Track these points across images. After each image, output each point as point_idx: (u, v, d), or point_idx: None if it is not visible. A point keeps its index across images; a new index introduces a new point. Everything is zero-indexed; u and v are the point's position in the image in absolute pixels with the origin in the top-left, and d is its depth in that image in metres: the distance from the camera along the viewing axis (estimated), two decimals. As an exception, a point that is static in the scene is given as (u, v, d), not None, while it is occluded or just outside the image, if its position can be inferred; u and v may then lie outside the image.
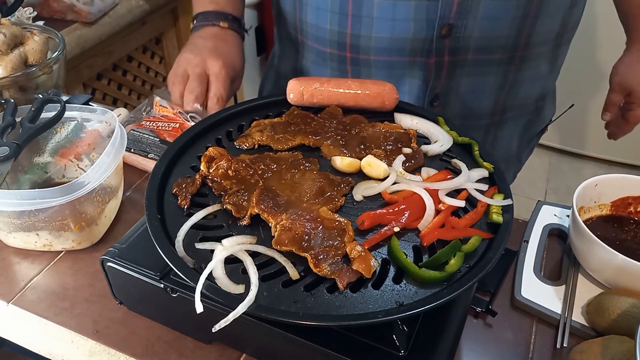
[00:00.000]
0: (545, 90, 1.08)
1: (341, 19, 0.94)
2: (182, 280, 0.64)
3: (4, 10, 1.15)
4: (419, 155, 0.75)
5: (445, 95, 0.98)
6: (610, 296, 0.69)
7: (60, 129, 0.88)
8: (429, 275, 0.58)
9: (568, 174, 2.79)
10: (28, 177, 0.87)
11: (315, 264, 0.59)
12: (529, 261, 0.79)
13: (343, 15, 0.93)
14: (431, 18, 0.88)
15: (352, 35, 0.94)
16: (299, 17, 1.01)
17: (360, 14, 0.91)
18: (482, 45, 0.92)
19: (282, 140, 0.78)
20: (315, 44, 1.01)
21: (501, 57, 0.95)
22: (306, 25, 1.01)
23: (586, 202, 0.81)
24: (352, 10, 0.92)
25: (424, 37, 0.90)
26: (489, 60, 0.94)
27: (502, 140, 1.09)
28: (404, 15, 0.88)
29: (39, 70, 0.97)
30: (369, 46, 0.94)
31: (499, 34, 0.91)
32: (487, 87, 0.99)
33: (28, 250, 0.82)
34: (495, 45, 0.92)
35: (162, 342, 0.70)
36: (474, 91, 0.98)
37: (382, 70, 0.96)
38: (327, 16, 0.95)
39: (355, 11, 0.91)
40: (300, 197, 0.68)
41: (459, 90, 0.97)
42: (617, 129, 1.15)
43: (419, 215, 0.66)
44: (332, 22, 0.95)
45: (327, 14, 0.95)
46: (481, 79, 0.97)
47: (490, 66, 0.95)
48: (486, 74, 0.96)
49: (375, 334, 0.59)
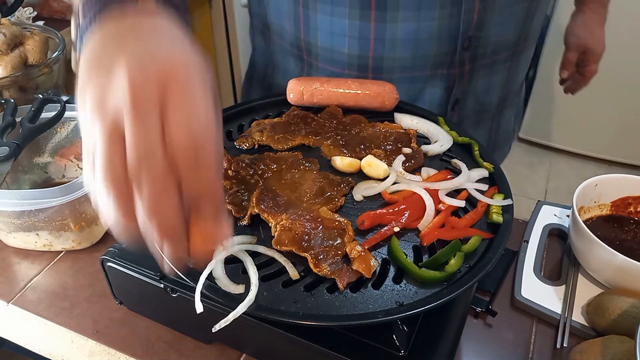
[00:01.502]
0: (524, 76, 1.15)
1: (362, 43, 0.91)
2: (182, 280, 0.64)
3: (4, 10, 1.15)
4: (419, 155, 0.75)
5: (463, 98, 0.99)
6: (610, 296, 0.69)
7: (60, 129, 0.88)
8: (429, 275, 0.58)
9: (568, 174, 2.79)
10: (28, 177, 0.88)
11: (315, 264, 0.59)
12: (529, 261, 0.79)
13: (364, 40, 0.90)
14: (453, 34, 0.89)
15: (374, 57, 0.92)
16: (304, 39, 0.96)
17: (384, 37, 0.89)
18: (494, 49, 0.95)
19: (282, 140, 0.78)
20: (329, 66, 0.98)
21: (507, 55, 0.98)
22: (316, 48, 0.96)
23: (586, 202, 0.81)
24: (374, 35, 0.89)
25: (445, 51, 0.91)
26: (498, 60, 0.97)
27: (504, 124, 1.13)
28: (427, 34, 0.88)
29: (39, 70, 0.97)
30: (392, 66, 0.93)
31: (507, 36, 0.94)
32: (496, 84, 1.02)
33: (28, 250, 0.82)
34: (503, 46, 0.96)
35: (162, 342, 0.70)
36: (486, 90, 1.01)
37: (404, 84, 0.96)
38: (345, 41, 0.92)
39: (378, 35, 0.89)
40: (300, 197, 0.68)
41: (475, 91, 1.00)
42: (574, 84, 1.25)
43: (419, 215, 0.66)
44: (351, 46, 0.92)
45: (345, 38, 0.91)
46: (491, 78, 1.00)
47: (498, 65, 0.99)
48: (495, 72, 0.99)
49: (375, 334, 0.59)
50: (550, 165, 2.85)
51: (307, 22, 0.94)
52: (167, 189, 0.40)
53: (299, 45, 0.99)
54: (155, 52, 0.42)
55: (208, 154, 0.41)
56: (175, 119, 0.40)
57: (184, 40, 0.46)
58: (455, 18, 0.87)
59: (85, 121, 0.42)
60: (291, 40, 0.99)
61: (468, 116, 1.02)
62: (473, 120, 1.04)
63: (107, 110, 0.40)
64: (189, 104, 0.40)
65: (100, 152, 0.40)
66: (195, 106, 0.41)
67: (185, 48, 0.45)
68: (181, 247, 0.43)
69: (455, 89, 0.96)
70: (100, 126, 0.40)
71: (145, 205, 0.40)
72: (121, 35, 0.44)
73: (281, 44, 1.03)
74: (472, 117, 1.03)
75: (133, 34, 0.44)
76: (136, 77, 0.40)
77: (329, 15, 0.90)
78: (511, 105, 1.12)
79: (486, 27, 0.90)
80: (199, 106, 0.41)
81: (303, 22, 0.94)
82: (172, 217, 0.41)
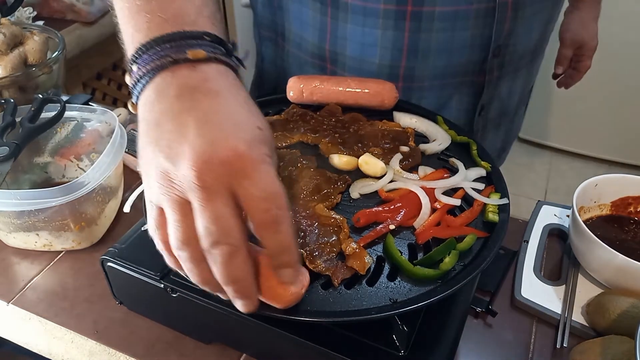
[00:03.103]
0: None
1: (394, 54, 0.90)
2: (182, 280, 0.64)
3: (4, 10, 1.15)
4: (416, 154, 0.76)
5: (489, 104, 1.00)
6: (610, 296, 0.69)
7: (60, 129, 0.88)
8: (423, 273, 0.58)
9: (568, 174, 2.79)
10: (28, 177, 0.87)
11: (310, 260, 0.59)
12: (529, 261, 0.79)
13: (397, 50, 0.90)
14: (485, 43, 0.89)
15: (406, 67, 0.92)
16: (330, 49, 0.95)
17: (417, 48, 0.89)
18: (520, 55, 0.96)
19: (280, 137, 0.78)
20: (354, 74, 0.96)
21: (529, 59, 1.00)
22: (343, 57, 0.95)
23: (586, 202, 0.81)
24: (407, 45, 0.89)
25: (476, 60, 0.92)
26: (521, 65, 0.99)
27: (517, 122, 1.16)
28: (460, 44, 0.89)
29: (39, 70, 0.97)
30: (423, 75, 0.93)
31: (531, 42, 0.96)
32: (518, 88, 1.04)
33: (28, 250, 0.82)
34: (527, 51, 0.97)
35: (162, 342, 0.70)
36: (509, 94, 1.03)
37: (434, 92, 0.96)
38: (377, 51, 0.91)
39: (412, 46, 0.89)
40: (296, 194, 0.68)
41: (500, 96, 1.01)
42: (568, 79, 1.27)
43: (415, 214, 0.66)
44: (383, 56, 0.91)
45: (376, 49, 0.90)
46: (515, 82, 1.02)
47: (521, 69, 1.00)
48: (518, 77, 1.01)
49: (375, 334, 0.59)
50: (550, 165, 2.85)
51: (335, 33, 0.92)
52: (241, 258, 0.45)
53: (322, 55, 0.97)
54: (218, 139, 0.43)
55: (283, 213, 0.45)
56: (247, 195, 0.44)
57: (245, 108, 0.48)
58: (488, 28, 0.87)
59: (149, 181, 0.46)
60: (313, 51, 0.98)
61: (491, 120, 1.03)
62: (495, 123, 1.05)
63: (174, 185, 0.44)
64: (257, 183, 0.44)
65: (174, 221, 0.44)
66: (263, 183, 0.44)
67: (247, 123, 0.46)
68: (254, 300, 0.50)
69: (484, 95, 0.97)
70: (169, 197, 0.44)
71: (221, 274, 0.45)
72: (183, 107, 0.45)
73: (297, 54, 1.01)
74: (494, 120, 1.04)
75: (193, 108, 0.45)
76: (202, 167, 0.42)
77: (361, 25, 0.89)
78: (523, 104, 1.15)
79: (514, 35, 0.91)
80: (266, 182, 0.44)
81: (330, 32, 0.92)
82: (246, 281, 0.47)
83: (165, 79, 0.47)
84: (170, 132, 0.45)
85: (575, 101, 2.60)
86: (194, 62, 0.47)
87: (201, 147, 0.43)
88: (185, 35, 0.48)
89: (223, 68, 0.50)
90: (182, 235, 0.44)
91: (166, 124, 0.45)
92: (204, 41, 0.49)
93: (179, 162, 0.43)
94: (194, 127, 0.44)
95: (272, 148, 0.48)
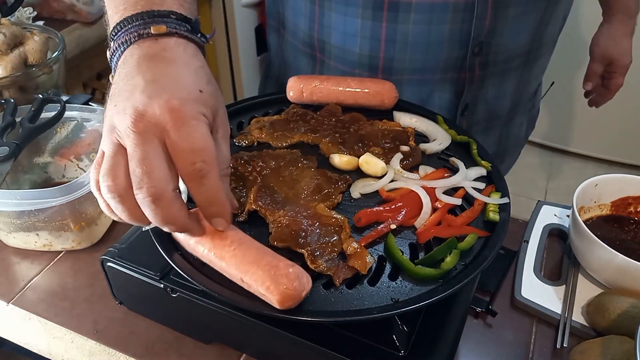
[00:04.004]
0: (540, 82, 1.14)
1: (373, 43, 0.91)
2: (182, 280, 0.64)
3: (4, 10, 1.15)
4: (417, 153, 0.76)
5: (473, 104, 0.99)
6: (610, 296, 0.69)
7: (60, 129, 0.88)
8: (424, 272, 0.58)
9: (568, 174, 2.79)
10: (28, 177, 0.88)
11: (312, 260, 0.59)
12: (529, 261, 0.79)
13: (375, 40, 0.91)
14: (465, 40, 0.89)
15: (385, 58, 0.93)
16: (318, 37, 0.97)
17: (394, 39, 0.90)
18: (507, 56, 0.95)
19: (280, 137, 0.78)
20: (341, 65, 0.98)
21: (519, 63, 0.98)
22: (329, 46, 0.97)
23: (586, 202, 0.81)
24: (385, 35, 0.90)
25: (456, 56, 0.91)
26: (509, 67, 0.97)
27: (514, 129, 1.13)
28: (438, 38, 0.88)
29: (39, 70, 0.97)
30: (402, 67, 0.93)
31: (519, 44, 0.94)
32: (508, 91, 1.02)
33: (28, 250, 0.82)
34: (515, 54, 0.95)
35: (162, 342, 0.70)
36: (497, 97, 1.01)
37: (414, 87, 0.96)
38: (357, 41, 0.92)
39: (389, 36, 0.90)
40: (297, 194, 0.68)
41: (486, 97, 1.00)
42: (598, 97, 1.22)
43: (416, 213, 0.66)
44: (363, 46, 0.93)
45: (357, 38, 0.92)
46: (504, 85, 1.00)
47: (510, 72, 0.99)
48: (508, 79, 0.99)
49: (375, 334, 0.59)
50: (550, 165, 2.85)
51: (322, 21, 0.94)
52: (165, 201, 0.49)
53: (312, 43, 0.99)
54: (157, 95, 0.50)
55: (209, 167, 0.50)
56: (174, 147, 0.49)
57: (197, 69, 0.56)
58: (467, 23, 0.87)
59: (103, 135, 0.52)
60: (304, 39, 1.00)
61: (478, 122, 1.02)
62: (483, 126, 1.04)
63: (115, 132, 0.50)
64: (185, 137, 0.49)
65: (106, 158, 0.50)
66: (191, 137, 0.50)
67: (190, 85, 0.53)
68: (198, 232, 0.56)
69: (465, 94, 0.96)
70: (109, 141, 0.50)
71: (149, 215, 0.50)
72: (128, 76, 0.53)
73: (294, 43, 1.04)
74: (482, 124, 1.03)
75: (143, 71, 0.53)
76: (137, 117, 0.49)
77: (343, 14, 0.90)
78: (523, 111, 1.11)
79: (498, 34, 0.89)
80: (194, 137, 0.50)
81: (318, 20, 0.95)
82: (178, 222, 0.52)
83: (131, 50, 0.55)
84: (124, 91, 0.52)
85: (575, 101, 2.60)
86: (156, 36, 0.55)
87: (141, 101, 0.50)
88: (152, 14, 0.56)
89: (183, 41, 0.57)
90: (107, 169, 0.49)
91: (123, 85, 0.52)
92: (169, 19, 0.57)
93: (124, 114, 0.50)
94: (141, 86, 0.51)
95: (213, 110, 0.54)
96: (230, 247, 0.55)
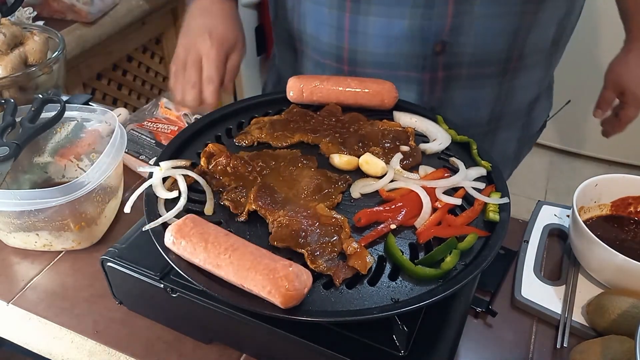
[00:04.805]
0: (539, 92, 1.08)
1: (339, 33, 0.94)
2: (182, 280, 0.64)
3: (4, 10, 1.14)
4: (417, 153, 0.76)
5: (440, 107, 0.98)
6: (610, 296, 0.69)
7: (60, 129, 0.88)
8: (424, 272, 0.58)
9: (568, 174, 2.79)
10: (28, 177, 0.87)
11: (312, 260, 0.59)
12: (529, 261, 0.79)
13: (340, 30, 0.93)
14: (425, 36, 0.88)
15: (349, 49, 0.94)
16: (297, 28, 1.01)
17: (357, 29, 0.91)
18: (476, 61, 0.92)
19: (280, 137, 0.78)
20: (315, 55, 1.01)
21: (495, 70, 0.94)
22: (306, 35, 1.00)
23: (586, 202, 0.81)
24: (349, 25, 0.91)
25: (418, 53, 0.91)
26: (482, 74, 0.94)
27: (498, 145, 1.09)
28: (398, 32, 0.89)
29: (39, 70, 0.97)
30: (365, 60, 0.95)
31: (492, 49, 0.91)
32: (482, 99, 0.98)
33: (28, 250, 0.82)
34: (488, 59, 0.92)
35: (162, 342, 0.70)
36: (469, 104, 0.98)
37: None
38: (326, 30, 0.95)
39: (352, 27, 0.91)
40: (297, 194, 0.68)
41: (455, 102, 0.98)
42: (609, 127, 1.15)
43: (416, 213, 0.66)
44: (330, 36, 0.95)
45: (326, 27, 0.95)
46: (476, 92, 0.97)
47: (484, 79, 0.95)
48: (481, 86, 0.96)
49: (375, 334, 0.59)
50: (550, 165, 2.85)
51: (299, 11, 0.98)
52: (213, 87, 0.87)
53: (292, 34, 1.03)
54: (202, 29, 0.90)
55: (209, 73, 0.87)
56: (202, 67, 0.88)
57: (226, 17, 0.93)
58: (427, 20, 0.86)
59: (176, 52, 0.91)
60: (289, 30, 1.03)
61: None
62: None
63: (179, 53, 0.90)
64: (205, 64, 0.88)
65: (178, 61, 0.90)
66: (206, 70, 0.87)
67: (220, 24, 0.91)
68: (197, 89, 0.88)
69: (429, 95, 0.95)
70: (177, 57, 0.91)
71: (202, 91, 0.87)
72: (193, 16, 0.94)
73: (282, 35, 1.08)
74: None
75: (199, 15, 0.93)
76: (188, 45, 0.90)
77: (314, 3, 0.93)
78: (510, 127, 1.07)
79: (463, 34, 0.88)
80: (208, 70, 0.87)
81: (296, 10, 0.99)
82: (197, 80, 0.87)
83: (193, 4, 0.96)
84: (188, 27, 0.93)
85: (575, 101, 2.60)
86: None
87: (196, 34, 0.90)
88: None
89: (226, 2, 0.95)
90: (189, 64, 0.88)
91: (187, 26, 0.93)
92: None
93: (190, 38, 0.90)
94: (198, 28, 0.91)
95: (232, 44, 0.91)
96: (224, 254, 0.55)
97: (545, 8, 0.89)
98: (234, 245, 0.56)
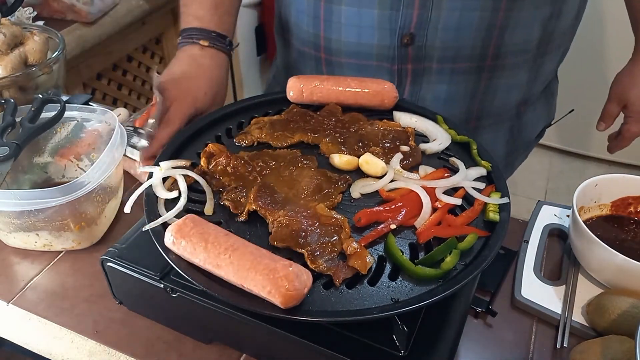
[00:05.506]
0: (526, 96, 1.04)
1: (315, 22, 0.96)
2: (182, 280, 0.64)
3: (4, 10, 1.14)
4: (417, 153, 0.76)
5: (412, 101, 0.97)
6: (610, 296, 0.69)
7: (60, 129, 0.88)
8: (424, 272, 0.58)
9: (568, 174, 2.79)
10: (28, 177, 0.87)
11: (312, 260, 0.59)
12: (529, 261, 0.79)
13: (317, 19, 0.96)
14: (393, 27, 0.89)
15: (325, 38, 0.97)
16: (284, 18, 1.04)
17: (331, 19, 0.94)
18: (446, 55, 0.92)
19: (280, 137, 0.78)
20: (297, 44, 1.04)
21: (468, 67, 0.93)
22: (290, 24, 1.03)
23: (586, 202, 0.81)
24: (324, 15, 0.94)
25: (387, 44, 0.92)
26: (454, 69, 0.93)
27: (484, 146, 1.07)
28: (368, 22, 0.91)
29: (39, 70, 0.97)
30: (339, 49, 0.97)
31: (463, 45, 0.90)
32: (456, 95, 0.97)
33: (28, 250, 0.82)
34: (460, 55, 0.91)
35: (162, 342, 0.70)
36: (442, 98, 0.97)
37: (353, 72, 0.98)
38: (305, 19, 0.98)
39: (327, 16, 0.94)
40: (297, 194, 0.68)
41: (426, 97, 0.97)
42: (614, 143, 1.12)
43: (416, 213, 0.66)
44: (309, 24, 0.98)
45: (305, 16, 0.98)
46: (449, 87, 0.96)
47: (457, 75, 0.94)
48: (453, 82, 0.95)
49: (375, 334, 0.59)
50: (550, 165, 2.85)
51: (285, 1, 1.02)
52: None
53: (280, 23, 1.07)
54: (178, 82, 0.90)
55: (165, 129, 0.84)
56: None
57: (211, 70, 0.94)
58: (395, 11, 0.88)
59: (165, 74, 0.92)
60: (277, 22, 1.08)
61: None
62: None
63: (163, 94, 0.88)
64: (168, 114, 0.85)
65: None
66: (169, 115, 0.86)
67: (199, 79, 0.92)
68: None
69: (398, 87, 0.95)
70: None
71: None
72: (179, 60, 0.94)
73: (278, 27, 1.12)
74: None
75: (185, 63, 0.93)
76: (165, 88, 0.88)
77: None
78: (496, 129, 1.04)
79: (432, 27, 0.88)
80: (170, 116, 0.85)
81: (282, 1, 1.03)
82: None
83: (184, 48, 0.95)
84: (170, 70, 0.92)
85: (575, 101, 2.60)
86: (202, 45, 0.94)
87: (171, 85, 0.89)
88: (202, 30, 0.95)
89: (215, 51, 0.95)
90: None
91: (170, 70, 0.92)
92: (210, 35, 0.95)
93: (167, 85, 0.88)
94: (176, 78, 0.90)
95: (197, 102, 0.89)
96: (224, 254, 0.55)
97: (522, 7, 0.87)
98: (234, 245, 0.56)
